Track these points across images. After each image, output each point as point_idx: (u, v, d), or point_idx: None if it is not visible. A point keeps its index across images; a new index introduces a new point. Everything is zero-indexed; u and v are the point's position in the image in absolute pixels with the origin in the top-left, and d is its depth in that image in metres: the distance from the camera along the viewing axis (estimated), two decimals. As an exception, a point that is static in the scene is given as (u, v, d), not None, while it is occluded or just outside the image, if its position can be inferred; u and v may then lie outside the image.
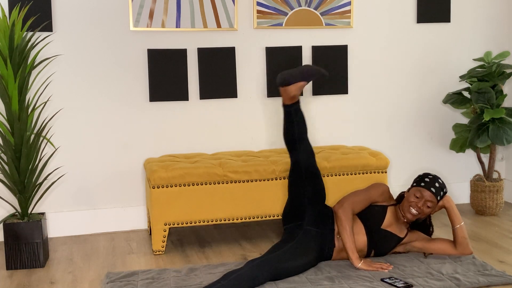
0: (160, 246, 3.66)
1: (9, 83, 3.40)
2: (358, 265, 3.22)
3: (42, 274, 3.40)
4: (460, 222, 3.36)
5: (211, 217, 3.69)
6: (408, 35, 4.56)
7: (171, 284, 3.09)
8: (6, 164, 3.46)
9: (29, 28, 3.81)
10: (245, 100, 4.33)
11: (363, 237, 3.34)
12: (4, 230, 3.47)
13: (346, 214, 3.26)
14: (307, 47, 4.37)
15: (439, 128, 4.69)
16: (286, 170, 3.74)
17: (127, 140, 4.17)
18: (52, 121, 4.01)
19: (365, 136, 4.55)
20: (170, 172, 3.62)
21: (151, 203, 3.64)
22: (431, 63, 4.62)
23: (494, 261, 3.44)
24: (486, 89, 4.20)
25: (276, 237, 3.98)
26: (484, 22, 4.67)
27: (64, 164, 4.07)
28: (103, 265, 3.52)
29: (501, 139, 4.12)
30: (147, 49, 4.11)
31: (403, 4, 4.51)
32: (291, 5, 4.29)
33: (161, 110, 4.20)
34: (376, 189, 3.43)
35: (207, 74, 4.22)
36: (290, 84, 3.25)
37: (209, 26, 4.18)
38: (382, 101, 4.56)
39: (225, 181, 3.69)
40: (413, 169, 4.64)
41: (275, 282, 3.05)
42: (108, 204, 4.18)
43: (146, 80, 4.16)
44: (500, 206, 4.42)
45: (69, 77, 4.04)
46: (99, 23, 4.05)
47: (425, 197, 3.32)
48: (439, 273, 3.18)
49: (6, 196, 3.88)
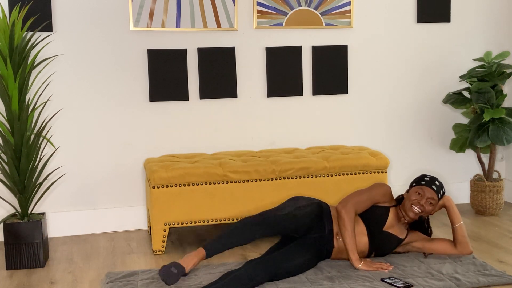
0: (160, 246, 3.66)
1: (9, 83, 3.40)
2: (358, 266, 3.22)
3: (42, 274, 3.40)
4: (460, 221, 3.37)
5: (211, 217, 3.69)
6: (408, 35, 4.56)
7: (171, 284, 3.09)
8: (6, 164, 3.46)
9: (29, 28, 3.81)
10: (245, 100, 4.33)
11: (364, 238, 3.33)
12: (4, 230, 3.47)
13: (349, 214, 3.25)
14: (307, 47, 4.37)
15: (439, 128, 4.69)
16: (286, 170, 3.74)
17: (127, 140, 4.17)
18: (52, 121, 4.01)
19: (365, 136, 4.55)
20: (170, 172, 3.62)
21: (151, 203, 3.64)
22: (431, 63, 4.62)
23: (494, 261, 3.44)
24: (486, 89, 4.20)
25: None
26: (484, 22, 4.67)
27: (64, 164, 4.07)
28: (103, 265, 3.52)
29: (501, 139, 4.12)
30: (147, 49, 4.11)
31: (403, 4, 4.51)
32: (291, 5, 4.29)
33: (161, 110, 4.20)
34: (379, 190, 3.42)
35: (207, 74, 4.22)
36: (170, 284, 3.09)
37: (209, 26, 4.18)
38: (382, 101, 4.56)
39: (225, 181, 3.69)
40: (413, 169, 4.64)
41: (275, 282, 3.05)
42: (108, 204, 4.18)
43: (146, 80, 4.16)
44: (500, 206, 4.42)
45: (69, 77, 4.04)
46: (99, 23, 4.05)
47: (427, 195, 3.32)
48: (439, 273, 3.18)
49: (6, 196, 3.88)
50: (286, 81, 4.35)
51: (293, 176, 3.76)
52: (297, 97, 4.40)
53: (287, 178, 3.76)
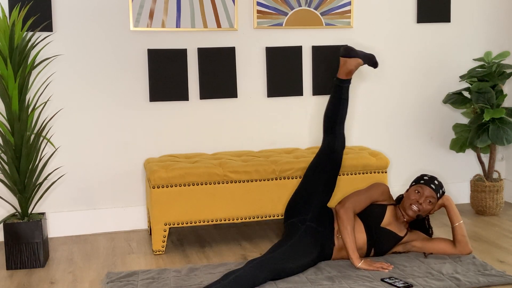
0: (160, 246, 3.66)
1: (9, 83, 3.40)
2: (359, 265, 3.22)
3: (42, 274, 3.40)
4: (459, 220, 3.38)
5: (211, 217, 3.69)
6: (408, 35, 4.56)
7: (171, 284, 3.09)
8: (6, 164, 3.46)
9: (29, 28, 3.81)
10: (245, 100, 4.33)
11: (362, 235, 3.34)
12: (4, 230, 3.47)
13: (347, 214, 3.27)
14: (307, 47, 4.37)
15: (439, 128, 4.69)
16: (286, 170, 3.74)
17: (127, 140, 4.17)
18: (52, 121, 4.01)
19: (365, 136, 4.56)
20: (170, 172, 3.62)
21: (151, 203, 3.64)
22: (431, 63, 4.62)
23: (494, 261, 3.44)
24: (486, 89, 4.20)
25: (276, 237, 3.97)
26: (484, 22, 4.67)
27: (64, 164, 4.07)
28: (103, 265, 3.52)
29: (501, 139, 4.12)
30: (147, 49, 4.11)
31: (403, 4, 4.51)
32: (291, 5, 4.29)
33: (161, 110, 4.20)
34: (376, 189, 3.45)
35: (207, 74, 4.22)
36: (351, 57, 3.37)
37: (209, 26, 4.18)
38: (382, 101, 4.57)
39: (225, 181, 3.69)
40: (413, 169, 4.64)
41: (275, 282, 3.05)
42: (108, 204, 4.18)
43: (146, 80, 4.16)
44: (500, 206, 4.42)
45: (69, 77, 4.04)
46: (99, 23, 4.05)
47: (426, 193, 3.34)
48: (439, 273, 3.18)
49: (6, 196, 3.88)
50: (286, 81, 4.35)
51: (293, 176, 3.76)
52: (297, 97, 4.40)
53: (287, 178, 3.76)
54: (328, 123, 3.42)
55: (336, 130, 3.40)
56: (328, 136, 3.43)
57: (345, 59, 3.39)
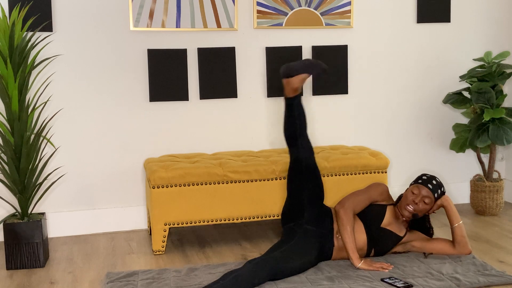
0: (160, 246, 3.66)
1: (9, 83, 3.40)
2: (359, 265, 3.22)
3: (42, 274, 3.40)
4: (459, 221, 3.37)
5: (211, 217, 3.69)
6: (408, 35, 4.56)
7: (171, 284, 3.09)
8: (6, 164, 3.46)
9: (29, 28, 3.81)
10: (245, 100, 4.33)
11: (362, 235, 3.34)
12: (4, 230, 3.47)
13: (347, 214, 3.27)
14: (307, 47, 4.37)
15: (439, 128, 4.69)
16: (286, 170, 3.74)
17: (127, 140, 4.17)
18: (52, 121, 4.01)
19: (365, 136, 4.56)
20: (170, 172, 3.62)
21: (151, 203, 3.64)
22: (431, 63, 4.62)
23: (494, 261, 3.44)
24: (486, 89, 4.20)
25: (276, 237, 3.98)
26: (484, 22, 4.67)
27: (64, 164, 4.07)
28: (103, 265, 3.52)
29: (501, 139, 4.12)
30: (147, 49, 4.11)
31: (403, 4, 4.51)
32: (291, 5, 4.29)
33: (161, 110, 4.20)
34: (375, 189, 3.45)
35: (207, 74, 4.22)
36: (293, 76, 3.30)
37: (209, 26, 4.18)
38: (382, 101, 4.56)
39: (225, 181, 3.69)
40: (413, 169, 4.64)
41: (275, 282, 3.04)
42: (108, 204, 4.18)
43: (146, 80, 4.16)
44: (500, 206, 4.42)
45: (69, 77, 4.04)
46: (99, 23, 4.05)
47: (422, 193, 3.34)
48: (439, 273, 3.18)
49: (6, 196, 3.88)
50: (286, 81, 4.34)
51: (293, 176, 3.76)
52: (297, 97, 4.39)
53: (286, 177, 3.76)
54: (289, 139, 3.38)
55: (299, 143, 3.36)
56: (292, 148, 3.39)
57: (287, 79, 3.33)
